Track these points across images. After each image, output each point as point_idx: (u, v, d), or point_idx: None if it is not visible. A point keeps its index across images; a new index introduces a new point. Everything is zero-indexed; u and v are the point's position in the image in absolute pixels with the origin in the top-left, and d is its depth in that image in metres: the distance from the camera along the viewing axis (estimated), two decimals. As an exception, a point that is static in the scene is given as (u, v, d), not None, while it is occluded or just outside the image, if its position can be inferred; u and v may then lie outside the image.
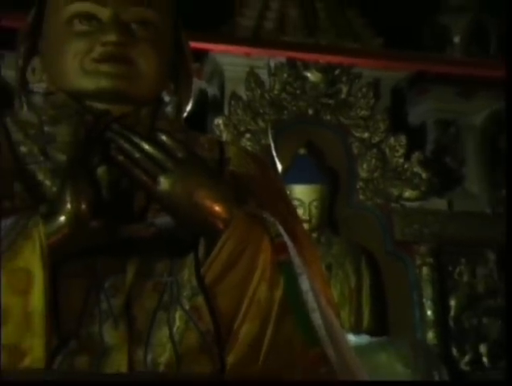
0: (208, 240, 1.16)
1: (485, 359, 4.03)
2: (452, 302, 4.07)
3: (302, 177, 3.94)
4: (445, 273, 4.08)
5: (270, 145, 3.87)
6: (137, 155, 1.16)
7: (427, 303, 3.96)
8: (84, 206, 1.11)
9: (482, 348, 4.04)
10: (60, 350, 1.10)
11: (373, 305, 3.93)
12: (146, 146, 1.16)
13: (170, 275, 1.18)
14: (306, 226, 3.54)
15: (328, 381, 1.05)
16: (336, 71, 4.22)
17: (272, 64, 4.14)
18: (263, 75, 4.13)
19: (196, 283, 1.15)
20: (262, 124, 4.04)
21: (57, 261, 1.11)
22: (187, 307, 1.15)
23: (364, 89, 4.22)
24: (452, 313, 4.06)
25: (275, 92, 4.13)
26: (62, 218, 1.11)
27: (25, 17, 1.40)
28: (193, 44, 1.49)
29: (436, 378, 3.50)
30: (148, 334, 1.13)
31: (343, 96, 4.21)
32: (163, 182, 1.14)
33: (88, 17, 1.28)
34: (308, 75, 4.19)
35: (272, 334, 1.13)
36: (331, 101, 4.20)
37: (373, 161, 4.11)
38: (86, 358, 1.10)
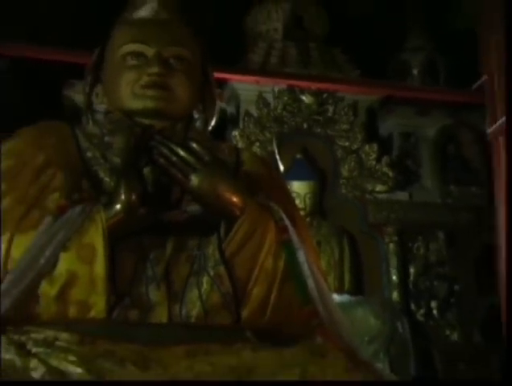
0: (227, 223, 1.16)
1: (434, 312, 4.01)
2: (411, 270, 4.05)
3: (299, 175, 3.92)
4: (406, 248, 4.06)
5: (274, 152, 3.86)
6: (174, 159, 1.16)
7: (393, 271, 3.94)
8: (134, 197, 1.12)
9: (433, 304, 4.02)
10: (117, 305, 1.10)
11: (352, 272, 3.91)
12: (181, 152, 1.16)
13: (199, 249, 1.17)
14: (302, 213, 3.52)
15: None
16: (324, 95, 4.19)
17: (276, 90, 4.12)
18: (269, 98, 4.11)
19: (219, 256, 1.15)
20: (268, 135, 4.02)
21: (114, 239, 1.11)
22: (212, 274, 1.15)
23: (345, 109, 4.19)
24: (411, 278, 4.04)
25: (278, 110, 4.11)
26: (118, 206, 1.11)
27: (89, 55, 1.40)
28: (216, 75, 1.47)
29: (399, 327, 3.48)
30: (182, 294, 1.13)
31: (329, 114, 4.18)
32: (194, 180, 1.14)
33: (138, 54, 1.28)
34: (303, 98, 4.16)
35: (276, 295, 1.13)
36: (320, 118, 4.17)
37: (353, 163, 4.09)
38: (136, 311, 1.11)
